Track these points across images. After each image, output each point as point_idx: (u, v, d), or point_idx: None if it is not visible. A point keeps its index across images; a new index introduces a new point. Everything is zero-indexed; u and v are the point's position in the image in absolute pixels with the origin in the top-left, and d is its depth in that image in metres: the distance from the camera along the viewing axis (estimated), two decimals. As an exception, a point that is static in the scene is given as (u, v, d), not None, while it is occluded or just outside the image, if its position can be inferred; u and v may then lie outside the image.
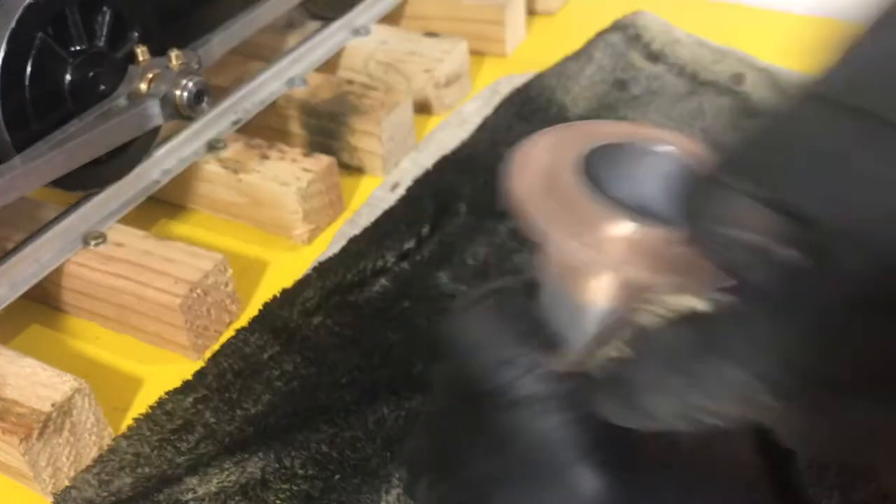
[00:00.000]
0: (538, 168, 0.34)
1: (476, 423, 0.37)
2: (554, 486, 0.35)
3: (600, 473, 0.34)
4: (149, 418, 0.55)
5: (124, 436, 0.54)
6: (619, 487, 0.35)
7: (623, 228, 0.31)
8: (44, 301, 0.64)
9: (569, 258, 0.31)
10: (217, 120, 0.71)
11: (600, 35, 0.87)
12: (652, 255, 0.31)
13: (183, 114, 0.63)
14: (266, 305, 0.62)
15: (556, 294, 0.36)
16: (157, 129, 0.67)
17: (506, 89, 0.82)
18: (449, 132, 0.78)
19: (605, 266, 0.31)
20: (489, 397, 0.36)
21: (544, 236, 0.32)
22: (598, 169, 0.35)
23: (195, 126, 0.69)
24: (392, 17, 0.89)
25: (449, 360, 0.37)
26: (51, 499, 0.52)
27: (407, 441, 0.51)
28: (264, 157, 0.69)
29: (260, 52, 0.82)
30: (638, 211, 0.34)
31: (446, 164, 0.73)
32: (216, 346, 0.60)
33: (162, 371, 0.60)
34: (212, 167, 0.70)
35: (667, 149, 0.35)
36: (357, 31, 0.84)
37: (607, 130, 0.37)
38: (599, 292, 0.34)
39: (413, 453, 0.49)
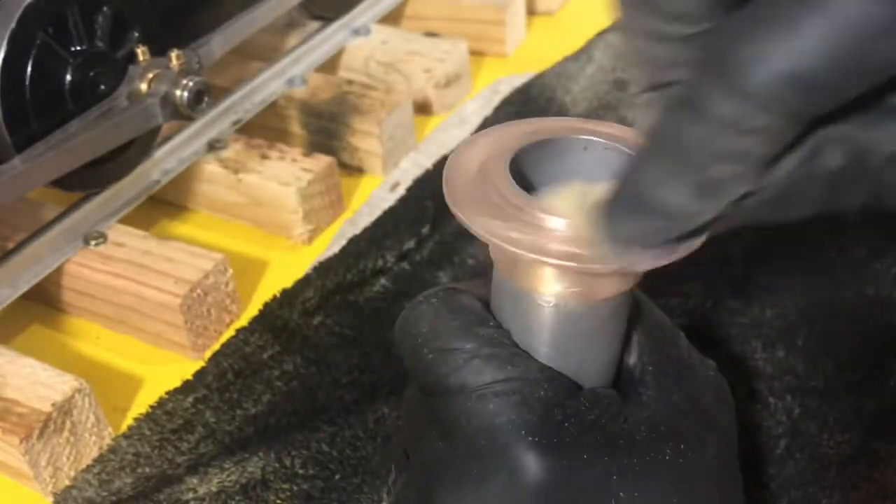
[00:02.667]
0: (471, 167, 0.35)
1: (429, 412, 0.38)
2: (496, 471, 0.34)
3: (543, 456, 0.34)
4: (149, 418, 0.55)
5: (124, 435, 0.54)
6: (562, 470, 0.34)
7: (554, 220, 0.33)
8: (44, 301, 0.64)
9: (507, 250, 0.32)
10: (217, 120, 0.71)
11: (600, 35, 0.87)
12: (583, 242, 0.32)
13: (183, 114, 0.63)
14: (266, 305, 0.62)
15: (499, 286, 0.37)
16: (157, 130, 0.67)
17: (506, 89, 0.82)
18: (449, 132, 0.78)
19: (542, 253, 0.32)
20: (436, 386, 0.36)
21: (482, 233, 0.33)
22: (541, 163, 0.36)
23: (195, 126, 0.69)
24: (392, 17, 0.89)
25: (403, 354, 0.39)
26: (51, 499, 0.52)
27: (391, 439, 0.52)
28: (264, 157, 0.70)
29: (260, 52, 0.82)
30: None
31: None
32: (216, 346, 0.60)
33: (162, 371, 0.60)
34: (212, 167, 0.70)
35: (607, 140, 0.36)
36: (357, 31, 0.84)
37: (545, 127, 0.37)
38: (538, 279, 0.35)
39: (390, 448, 0.50)
